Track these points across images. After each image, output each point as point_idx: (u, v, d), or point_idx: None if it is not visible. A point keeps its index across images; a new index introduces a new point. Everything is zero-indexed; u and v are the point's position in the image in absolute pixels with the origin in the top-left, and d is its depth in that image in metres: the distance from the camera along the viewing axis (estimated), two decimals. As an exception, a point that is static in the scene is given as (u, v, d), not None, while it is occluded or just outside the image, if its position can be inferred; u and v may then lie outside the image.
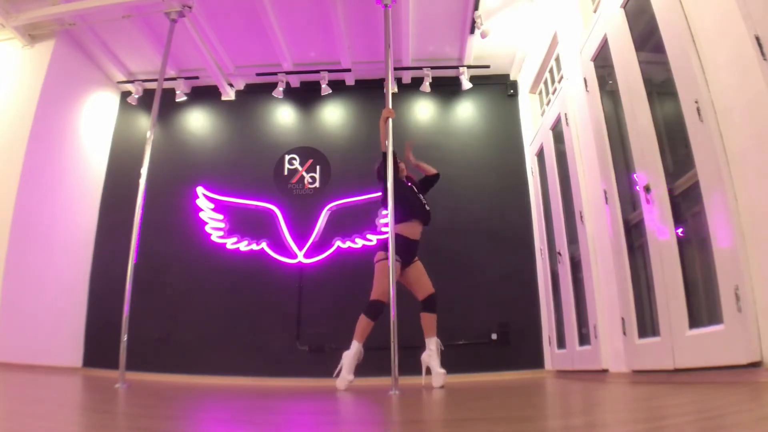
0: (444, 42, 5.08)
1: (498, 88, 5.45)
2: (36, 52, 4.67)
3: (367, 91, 5.43)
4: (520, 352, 4.54)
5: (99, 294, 4.97)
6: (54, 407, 1.55)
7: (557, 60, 4.32)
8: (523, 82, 5.27)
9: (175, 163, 5.35)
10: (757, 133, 1.82)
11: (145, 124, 5.55)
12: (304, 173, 5.25)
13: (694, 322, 2.27)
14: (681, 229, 2.42)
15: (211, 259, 4.94)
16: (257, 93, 5.55)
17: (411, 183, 3.48)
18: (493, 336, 4.58)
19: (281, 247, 4.96)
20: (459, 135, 5.31)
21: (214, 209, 5.09)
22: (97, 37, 4.92)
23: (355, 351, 3.01)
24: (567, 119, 3.82)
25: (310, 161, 5.28)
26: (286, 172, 5.26)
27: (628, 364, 2.88)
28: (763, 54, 1.77)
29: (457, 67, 5.22)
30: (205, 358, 4.65)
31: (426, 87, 5.19)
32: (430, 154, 5.12)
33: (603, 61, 3.19)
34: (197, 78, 5.49)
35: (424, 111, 5.44)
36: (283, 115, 5.53)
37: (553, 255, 4.33)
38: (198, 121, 5.58)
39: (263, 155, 5.33)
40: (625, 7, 2.81)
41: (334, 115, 5.51)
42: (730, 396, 1.47)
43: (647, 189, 2.60)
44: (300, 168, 5.27)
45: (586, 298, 3.53)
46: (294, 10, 4.63)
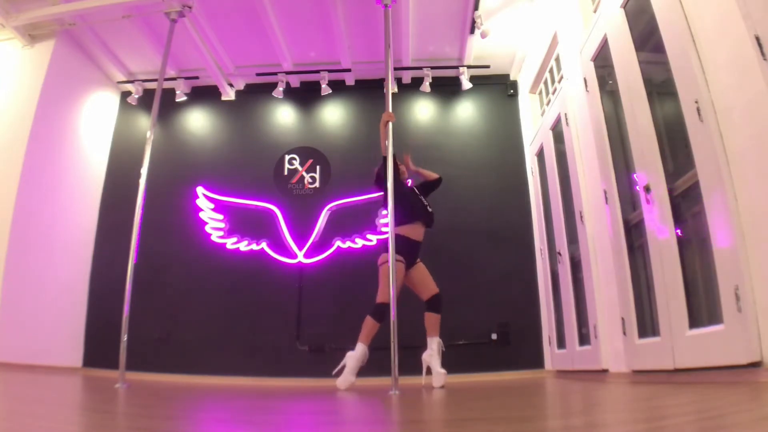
0: (444, 42, 5.08)
1: (498, 88, 5.45)
2: (36, 52, 4.67)
3: (367, 91, 5.43)
4: (520, 352, 4.54)
5: (99, 294, 4.97)
6: (54, 407, 1.55)
7: (557, 60, 4.32)
8: (523, 82, 5.27)
9: (175, 163, 5.35)
10: (757, 133, 1.82)
11: (145, 124, 5.55)
12: (304, 173, 5.25)
13: (694, 322, 2.27)
14: (681, 229, 2.42)
15: (211, 259, 4.95)
16: (257, 93, 5.55)
17: (412, 186, 3.49)
18: (493, 336, 4.58)
19: (281, 247, 4.96)
20: (459, 135, 5.32)
21: (214, 209, 5.09)
22: (97, 37, 4.92)
23: (360, 353, 3.00)
24: (567, 119, 3.82)
25: (310, 161, 5.29)
26: (286, 172, 5.27)
27: (628, 364, 2.88)
28: (763, 54, 1.77)
29: (457, 67, 5.22)
30: (205, 358, 4.65)
31: (426, 87, 5.20)
32: (430, 154, 5.14)
33: (603, 61, 3.19)
34: (197, 78, 5.49)
35: (424, 111, 5.44)
36: (283, 115, 5.53)
37: (553, 255, 4.33)
38: (198, 121, 5.58)
39: (263, 155, 5.33)
40: (625, 7, 2.81)
41: (334, 115, 5.51)
42: (730, 396, 1.47)
43: (647, 189, 2.60)
44: (300, 168, 5.27)
45: (586, 298, 3.53)
46: (294, 10, 4.63)
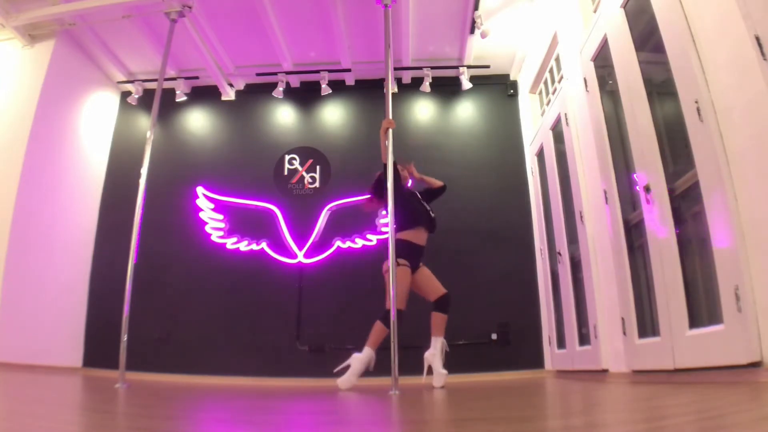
0: (444, 42, 5.08)
1: (498, 88, 5.45)
2: (36, 52, 4.67)
3: (367, 91, 5.43)
4: (520, 352, 4.54)
5: (99, 294, 4.97)
6: (54, 407, 1.55)
7: (557, 60, 4.32)
8: (523, 82, 5.27)
9: (175, 163, 5.35)
10: (757, 133, 1.82)
11: (145, 124, 5.55)
12: (304, 173, 5.25)
13: (694, 322, 2.27)
14: (681, 229, 2.42)
15: (211, 259, 4.95)
16: (257, 93, 5.55)
17: (414, 191, 3.48)
18: (493, 336, 4.58)
19: (281, 247, 4.96)
20: (459, 135, 5.31)
21: (214, 209, 5.09)
22: (97, 37, 4.92)
23: (366, 357, 2.98)
24: (567, 119, 3.82)
25: (310, 161, 5.29)
26: (286, 172, 5.27)
27: (628, 364, 2.88)
28: (763, 54, 1.77)
29: (457, 67, 5.22)
30: (205, 358, 4.65)
31: (426, 87, 5.20)
32: (430, 154, 5.14)
33: (603, 61, 3.19)
34: (197, 78, 5.49)
35: (424, 111, 5.44)
36: (283, 115, 5.53)
37: (553, 255, 4.33)
38: (198, 121, 5.58)
39: (263, 155, 5.33)
40: (625, 7, 2.81)
41: (334, 115, 5.51)
42: (730, 396, 1.47)
43: (647, 189, 2.60)
44: (300, 168, 5.27)
45: (586, 298, 3.53)
46: (294, 10, 4.63)
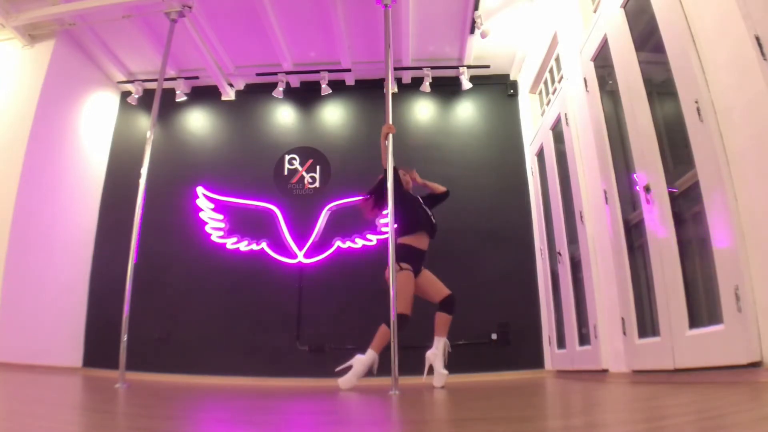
0: (444, 42, 5.08)
1: (498, 88, 5.45)
2: (36, 52, 4.67)
3: (367, 91, 5.43)
4: (520, 352, 4.54)
5: (99, 294, 4.97)
6: (54, 407, 1.55)
7: (557, 60, 4.32)
8: (523, 82, 5.27)
9: (175, 163, 5.35)
10: (757, 133, 1.82)
11: (145, 124, 5.55)
12: (304, 173, 5.25)
13: (694, 322, 2.27)
14: (681, 229, 2.42)
15: (211, 259, 4.94)
16: (257, 93, 5.55)
17: (417, 196, 3.47)
18: (493, 336, 4.58)
19: (281, 247, 4.96)
20: (459, 135, 5.31)
21: (214, 209, 5.09)
22: (97, 37, 4.92)
23: (369, 359, 2.98)
24: (567, 119, 3.82)
25: (310, 161, 5.29)
26: (286, 172, 5.27)
27: (628, 364, 2.88)
28: (763, 54, 1.77)
29: (457, 67, 5.22)
30: (205, 358, 4.65)
31: (426, 87, 5.19)
32: (430, 154, 5.14)
33: (603, 61, 3.19)
34: (197, 78, 5.49)
35: (424, 111, 5.44)
36: (283, 115, 5.53)
37: (553, 255, 4.33)
38: (198, 121, 5.58)
39: (263, 155, 5.33)
40: (625, 7, 2.81)
41: (334, 115, 5.51)
42: (730, 396, 1.47)
43: (647, 189, 2.60)
44: (300, 168, 5.27)
45: (586, 298, 3.53)
46: (294, 10, 4.63)
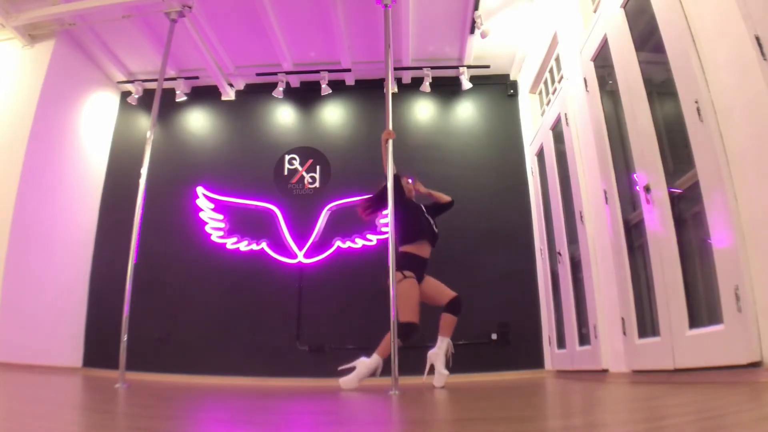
0: (444, 42, 5.08)
1: (498, 88, 5.45)
2: (36, 52, 4.67)
3: (367, 91, 5.43)
4: (520, 352, 4.54)
5: (99, 294, 4.97)
6: (54, 407, 1.55)
7: (557, 60, 4.32)
8: (523, 82, 5.27)
9: (175, 163, 5.35)
10: (757, 133, 1.82)
11: (145, 124, 5.55)
12: (304, 173, 5.25)
13: (694, 322, 2.27)
14: (681, 229, 2.42)
15: (211, 259, 4.94)
16: (257, 93, 5.55)
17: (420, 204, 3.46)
18: (493, 336, 4.58)
19: (281, 247, 4.96)
20: (459, 135, 5.31)
21: (214, 209, 5.09)
22: (97, 37, 4.92)
23: (373, 363, 2.97)
24: (567, 119, 3.82)
25: (310, 161, 5.29)
26: (286, 172, 5.26)
27: (628, 364, 2.88)
28: (763, 54, 1.77)
29: (457, 67, 5.22)
30: (205, 358, 4.65)
31: (426, 87, 5.19)
32: (430, 154, 5.14)
33: (603, 61, 3.19)
34: (197, 78, 5.49)
35: (424, 111, 5.44)
36: (283, 115, 5.53)
37: (553, 255, 4.33)
38: (198, 121, 5.58)
39: (263, 155, 5.33)
40: (625, 7, 2.81)
41: (334, 115, 5.51)
42: (730, 396, 1.47)
43: (647, 189, 2.60)
44: (300, 168, 5.27)
45: (586, 298, 3.53)
46: (294, 10, 4.63)
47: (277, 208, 5.07)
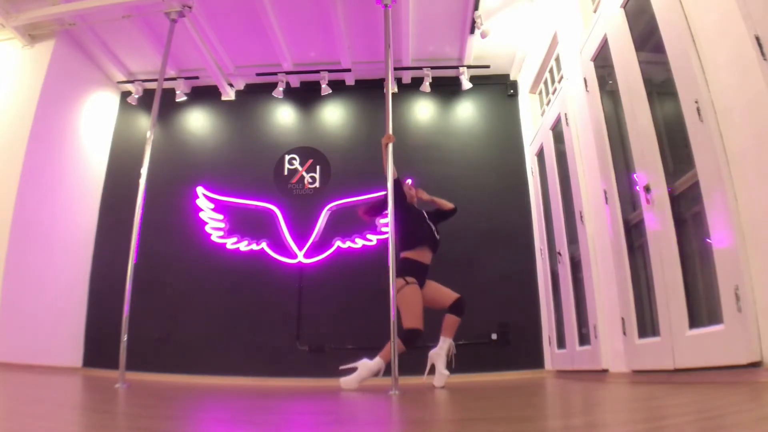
0: (444, 42, 5.08)
1: (498, 88, 5.45)
2: (36, 52, 4.67)
3: (367, 91, 5.43)
4: (520, 352, 4.54)
5: (99, 294, 4.97)
6: (54, 407, 1.55)
7: (557, 60, 4.32)
8: (523, 82, 5.27)
9: (175, 163, 5.35)
10: (757, 133, 1.82)
11: (145, 124, 5.55)
12: (304, 173, 5.25)
13: (694, 322, 2.27)
14: (681, 229, 2.42)
15: (211, 259, 4.94)
16: (257, 93, 5.55)
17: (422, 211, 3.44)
18: (493, 336, 4.58)
19: (281, 247, 4.96)
20: (459, 135, 5.31)
21: (214, 209, 5.09)
22: (97, 37, 4.92)
23: (375, 366, 2.97)
24: (567, 119, 3.82)
25: (310, 161, 5.29)
26: (286, 172, 5.26)
27: (628, 364, 2.88)
28: (763, 54, 1.77)
29: (457, 67, 5.22)
30: (205, 358, 4.65)
31: (426, 87, 5.19)
32: (430, 154, 5.14)
33: (603, 61, 3.19)
34: (197, 78, 5.49)
35: (424, 111, 5.44)
36: (283, 115, 5.53)
37: (553, 255, 4.33)
38: (198, 121, 5.58)
39: (263, 155, 5.33)
40: (625, 7, 2.81)
41: (334, 115, 5.51)
42: (730, 396, 1.47)
43: (647, 189, 2.60)
44: (300, 168, 5.27)
45: (586, 298, 3.53)
46: (294, 10, 4.63)
47: (277, 208, 5.07)
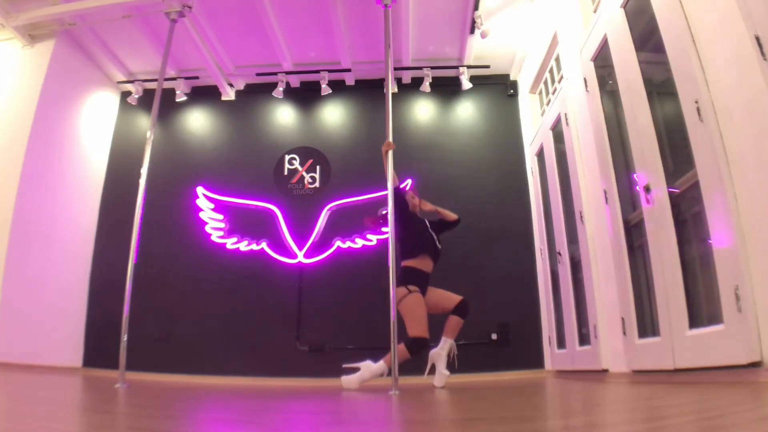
0: (444, 42, 5.08)
1: (498, 88, 5.45)
2: (36, 52, 4.67)
3: (367, 91, 5.43)
4: (520, 352, 4.54)
5: (99, 294, 4.97)
6: (54, 407, 1.55)
7: (557, 60, 4.32)
8: (523, 82, 5.27)
9: (175, 163, 5.35)
10: (757, 133, 1.82)
11: (145, 124, 5.55)
12: (304, 173, 5.25)
13: (694, 322, 2.27)
14: (681, 229, 2.42)
15: (211, 259, 4.94)
16: (257, 93, 5.55)
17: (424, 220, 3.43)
18: (493, 336, 4.58)
19: (281, 247, 4.96)
20: (459, 135, 5.31)
21: (214, 209, 5.09)
22: (97, 37, 4.92)
23: (378, 369, 2.97)
24: (567, 119, 3.82)
25: (310, 161, 5.28)
26: (286, 172, 5.26)
27: (628, 364, 2.88)
28: (763, 54, 1.77)
29: (457, 67, 5.22)
30: (205, 358, 4.65)
31: (426, 87, 5.19)
32: (430, 154, 5.14)
33: (603, 61, 3.19)
34: (197, 78, 5.49)
35: (424, 111, 5.44)
36: (283, 115, 5.53)
37: (553, 255, 4.33)
38: (198, 121, 5.58)
39: (263, 155, 5.33)
40: (625, 7, 2.81)
41: (334, 115, 5.51)
42: (730, 396, 1.47)
43: (647, 189, 2.60)
44: (300, 168, 5.27)
45: (586, 298, 3.53)
46: (294, 10, 4.63)
47: (277, 208, 5.07)
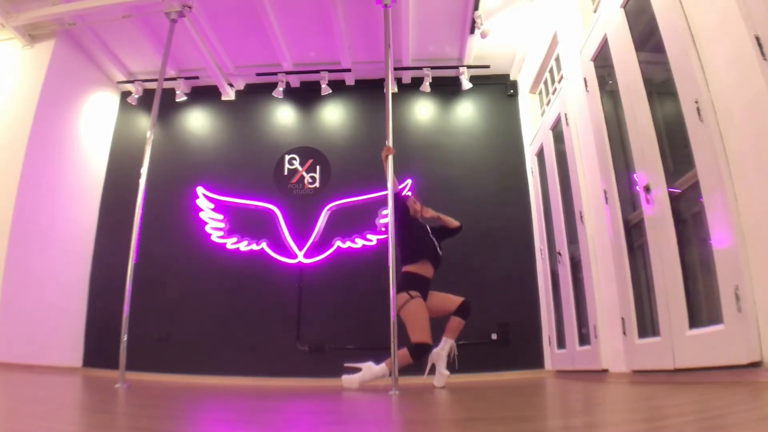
0: (444, 42, 5.08)
1: (498, 88, 5.45)
2: (36, 52, 4.67)
3: (367, 91, 5.43)
4: (520, 352, 4.54)
5: (99, 294, 4.97)
6: (54, 407, 1.55)
7: (557, 60, 4.32)
8: (523, 82, 5.27)
9: (175, 163, 5.35)
10: (757, 133, 1.82)
11: (145, 124, 5.55)
12: (304, 173, 5.25)
13: (694, 322, 2.27)
14: (681, 229, 2.42)
15: (211, 259, 4.94)
16: (257, 93, 5.55)
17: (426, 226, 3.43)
18: (493, 336, 4.58)
19: (281, 247, 4.96)
20: (459, 135, 5.31)
21: (214, 209, 5.09)
22: (97, 37, 4.92)
23: (380, 371, 2.96)
24: (567, 119, 3.82)
25: (310, 161, 5.28)
26: (286, 172, 5.26)
27: (628, 364, 2.88)
28: (763, 54, 1.77)
29: (457, 67, 5.22)
30: (205, 358, 4.65)
31: (426, 87, 5.19)
32: (430, 154, 5.14)
33: (603, 61, 3.19)
34: (197, 78, 5.49)
35: (424, 111, 5.44)
36: (283, 115, 5.53)
37: (553, 255, 4.33)
38: (198, 121, 5.58)
39: (263, 155, 5.33)
40: (625, 7, 2.81)
41: (334, 115, 5.51)
42: (730, 396, 1.47)
43: (647, 189, 2.60)
44: (300, 168, 5.27)
45: (586, 298, 3.53)
46: (294, 10, 4.63)
47: (277, 208, 5.07)
